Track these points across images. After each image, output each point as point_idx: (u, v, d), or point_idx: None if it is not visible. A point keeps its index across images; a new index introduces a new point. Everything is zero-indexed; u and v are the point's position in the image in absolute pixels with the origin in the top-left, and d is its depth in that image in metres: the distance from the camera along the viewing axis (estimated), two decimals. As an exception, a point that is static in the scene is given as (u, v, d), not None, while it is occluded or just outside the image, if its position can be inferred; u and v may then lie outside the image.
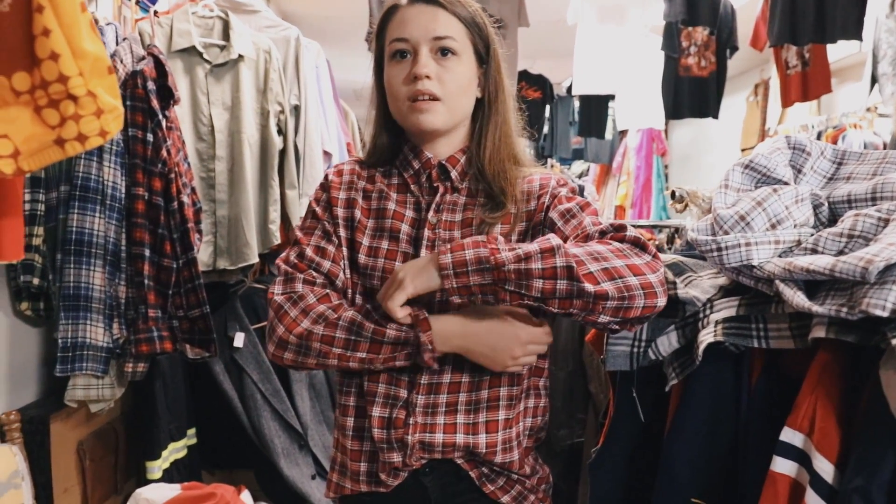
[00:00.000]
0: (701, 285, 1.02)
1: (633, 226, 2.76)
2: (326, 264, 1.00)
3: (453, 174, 1.03)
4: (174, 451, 2.15)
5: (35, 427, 1.54)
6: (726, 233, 0.92)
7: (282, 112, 2.33)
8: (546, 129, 6.31)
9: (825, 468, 0.74)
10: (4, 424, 1.33)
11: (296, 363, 0.96)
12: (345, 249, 1.03)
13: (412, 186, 1.04)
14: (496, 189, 1.00)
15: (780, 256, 0.89)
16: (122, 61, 1.56)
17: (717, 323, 0.94)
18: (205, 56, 2.18)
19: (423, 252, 0.99)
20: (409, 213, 1.03)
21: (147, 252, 1.56)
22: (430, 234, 1.00)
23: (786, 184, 0.96)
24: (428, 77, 0.96)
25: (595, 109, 5.56)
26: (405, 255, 1.00)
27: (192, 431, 2.27)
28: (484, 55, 1.02)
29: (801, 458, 0.78)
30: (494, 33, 1.03)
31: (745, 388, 0.95)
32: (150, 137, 1.56)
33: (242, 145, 2.24)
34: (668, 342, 1.03)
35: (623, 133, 6.20)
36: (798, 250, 0.88)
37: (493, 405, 1.01)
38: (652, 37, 4.05)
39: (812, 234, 0.89)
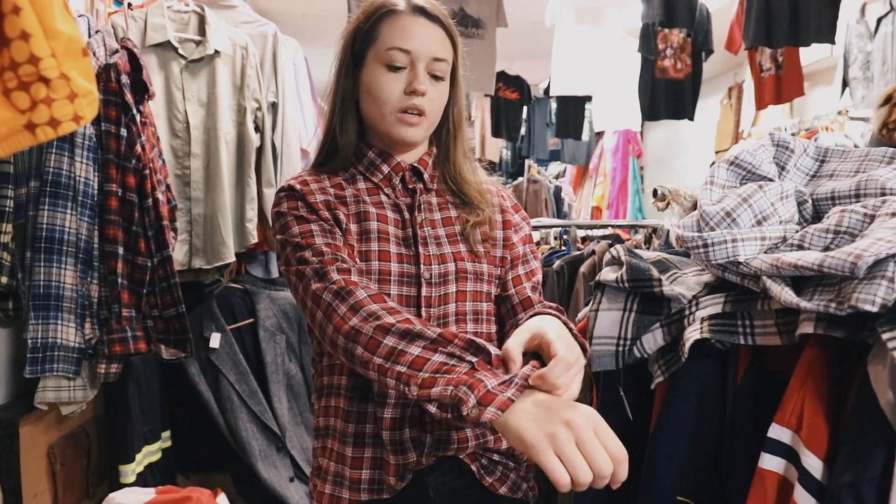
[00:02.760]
0: (686, 282, 1.02)
1: (611, 226, 2.78)
2: (346, 258, 0.94)
3: (426, 176, 1.06)
4: (148, 454, 2.11)
5: (4, 431, 1.50)
6: (712, 229, 0.92)
7: (259, 109, 2.30)
8: (523, 130, 6.32)
9: (814, 464, 0.74)
10: (-30, 428, 1.28)
11: (353, 368, 0.88)
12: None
13: (385, 189, 1.04)
14: (472, 198, 1.06)
15: (766, 253, 0.89)
16: (94, 54, 1.51)
17: (702, 320, 0.94)
18: (180, 51, 2.14)
19: (420, 250, 1.00)
20: (391, 215, 1.03)
21: (120, 250, 1.51)
22: (421, 232, 1.02)
23: (770, 180, 0.97)
24: (424, 94, 0.97)
25: (572, 111, 5.59)
26: (399, 255, 1.00)
27: (166, 434, 2.22)
28: (456, 74, 1.05)
29: (790, 454, 0.78)
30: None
31: (731, 386, 0.95)
32: (123, 132, 1.51)
33: (219, 142, 2.20)
34: (653, 340, 1.02)
35: (599, 135, 6.25)
36: (784, 247, 0.88)
37: None
38: (629, 39, 4.08)
39: (797, 231, 0.89)
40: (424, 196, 1.05)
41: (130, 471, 1.97)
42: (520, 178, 5.80)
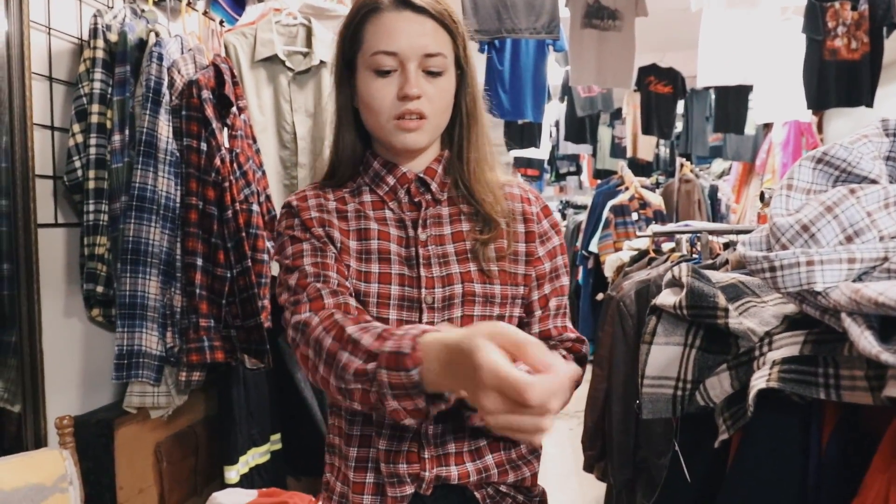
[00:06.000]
0: (760, 314, 0.81)
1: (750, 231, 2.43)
2: (333, 276, 0.89)
3: (433, 186, 0.95)
4: (256, 455, 2.17)
5: (101, 430, 1.59)
6: (784, 247, 0.71)
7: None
8: (679, 126, 5.87)
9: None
10: (58, 429, 1.37)
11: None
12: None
13: (390, 203, 0.95)
14: (486, 206, 0.94)
15: (858, 280, 0.67)
16: (179, 72, 1.57)
17: (773, 364, 0.73)
18: (287, 64, 2.19)
19: (423, 271, 0.91)
20: (394, 232, 0.94)
21: (199, 261, 1.55)
22: (424, 251, 0.92)
23: (873, 182, 0.73)
24: (418, 97, 0.88)
25: (733, 103, 5.10)
26: (401, 277, 0.91)
27: (276, 437, 2.28)
28: (462, 61, 0.94)
29: (867, 562, 0.57)
30: (466, 32, 0.94)
31: (814, 450, 0.73)
32: (203, 146, 1.55)
33: (324, 152, 2.21)
34: (719, 385, 0.82)
35: (768, 127, 5.64)
36: (879, 272, 0.65)
37: None
38: (794, 19, 3.62)
39: (908, 250, 0.66)
40: (432, 209, 0.95)
41: (235, 472, 2.04)
42: (671, 179, 5.38)
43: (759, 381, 0.73)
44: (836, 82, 3.30)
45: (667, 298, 0.89)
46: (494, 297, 0.92)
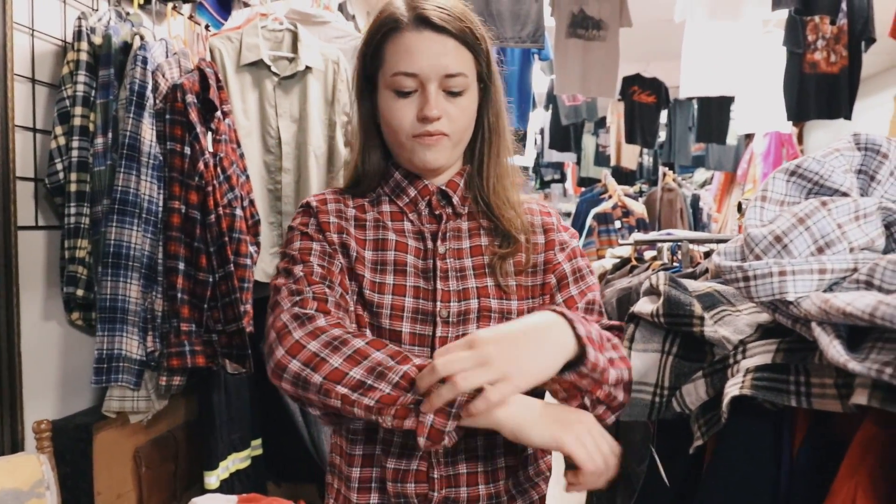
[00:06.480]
0: (735, 323, 0.82)
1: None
2: (337, 287, 0.88)
3: (455, 200, 0.95)
4: (236, 461, 2.16)
5: (80, 435, 1.58)
6: (757, 257, 0.72)
7: (349, 123, 2.29)
8: (662, 135, 5.94)
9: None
10: (35, 433, 1.35)
11: (296, 396, 0.82)
12: (347, 280, 0.91)
13: (410, 215, 0.95)
14: (504, 222, 0.94)
15: (828, 290, 0.69)
16: (164, 75, 1.57)
17: (747, 371, 0.75)
18: (273, 69, 2.19)
19: (439, 284, 0.90)
20: (412, 243, 0.93)
21: (181, 265, 1.55)
22: (442, 264, 0.92)
23: (844, 195, 0.75)
24: (438, 118, 0.88)
25: (715, 113, 5.19)
26: (416, 290, 0.91)
27: (256, 442, 2.27)
28: (486, 76, 0.93)
29: (834, 567, 0.58)
30: (491, 46, 0.93)
31: (786, 456, 0.75)
32: (187, 150, 1.55)
33: (308, 157, 2.22)
34: (694, 392, 0.84)
35: (749, 138, 5.72)
36: (848, 283, 0.67)
37: (510, 447, 0.92)
38: (775, 32, 3.68)
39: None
40: (452, 222, 0.95)
41: (215, 477, 2.03)
42: (654, 187, 5.44)
43: (733, 388, 0.74)
44: (815, 95, 3.36)
45: (644, 306, 0.91)
46: (511, 312, 0.91)
